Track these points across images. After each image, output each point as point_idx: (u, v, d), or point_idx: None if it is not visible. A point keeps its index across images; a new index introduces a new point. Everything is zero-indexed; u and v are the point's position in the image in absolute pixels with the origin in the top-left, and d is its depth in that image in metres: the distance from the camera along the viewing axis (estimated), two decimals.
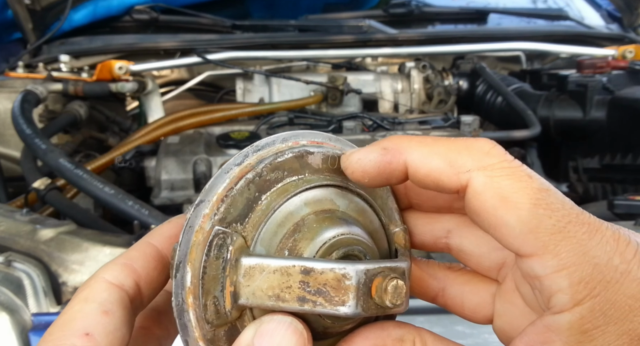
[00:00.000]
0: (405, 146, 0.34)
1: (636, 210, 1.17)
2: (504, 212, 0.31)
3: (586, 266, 0.30)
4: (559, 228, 0.30)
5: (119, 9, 2.22)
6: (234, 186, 0.35)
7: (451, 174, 0.32)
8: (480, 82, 2.04)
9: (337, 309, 0.32)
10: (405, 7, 2.33)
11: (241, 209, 0.35)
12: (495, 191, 0.31)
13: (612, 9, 2.45)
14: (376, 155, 0.35)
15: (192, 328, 0.33)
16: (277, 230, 0.35)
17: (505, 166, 0.32)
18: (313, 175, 0.37)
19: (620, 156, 1.61)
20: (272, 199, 0.35)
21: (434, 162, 0.33)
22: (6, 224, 1.02)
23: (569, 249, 0.30)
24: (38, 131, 1.43)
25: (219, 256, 0.34)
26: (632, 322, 0.30)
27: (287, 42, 2.12)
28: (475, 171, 0.32)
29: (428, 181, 0.34)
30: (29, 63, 2.05)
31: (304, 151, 0.37)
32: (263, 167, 0.36)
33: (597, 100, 1.71)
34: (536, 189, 0.31)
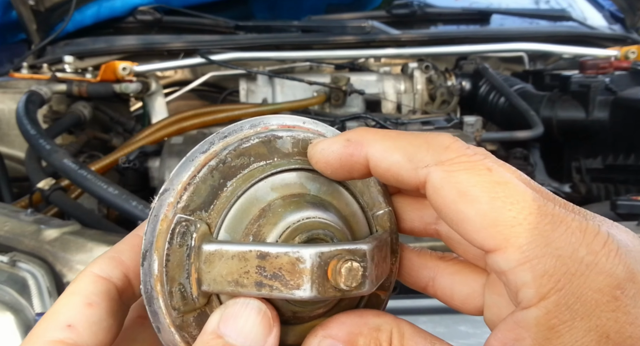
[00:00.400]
0: (369, 138, 0.34)
1: (639, 210, 1.17)
2: (463, 206, 0.30)
3: (549, 258, 0.29)
4: (519, 220, 0.29)
5: (122, 10, 2.22)
6: (197, 174, 0.35)
7: (410, 169, 0.32)
8: (483, 83, 2.04)
9: (292, 293, 0.32)
10: (408, 8, 2.33)
11: (205, 197, 0.35)
12: (453, 186, 0.30)
13: (615, 10, 2.45)
14: (339, 146, 0.34)
15: (163, 314, 0.34)
16: (242, 216, 0.35)
17: (464, 160, 0.31)
18: (282, 160, 0.37)
19: (623, 156, 1.61)
20: (237, 185, 0.35)
21: (394, 157, 0.33)
22: (11, 225, 1.03)
23: (530, 242, 0.29)
24: (42, 132, 1.44)
25: (182, 244, 0.34)
26: (599, 318, 0.29)
27: (290, 43, 2.13)
28: (433, 166, 0.31)
29: (388, 175, 0.33)
30: (33, 64, 2.05)
31: (271, 135, 0.37)
32: (227, 154, 0.35)
33: (600, 100, 1.71)
34: (494, 182, 0.30)
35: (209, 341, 0.32)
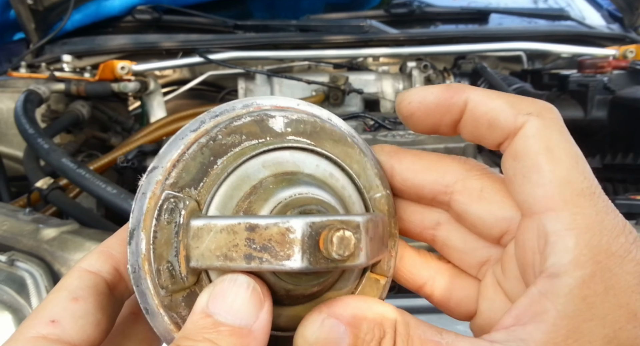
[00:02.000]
0: (469, 87, 0.36)
1: (637, 209, 1.17)
2: (544, 160, 0.32)
3: (596, 233, 0.31)
4: (587, 193, 0.31)
5: (121, 9, 2.22)
6: (187, 151, 0.34)
7: (510, 115, 0.33)
8: (481, 82, 2.04)
9: (282, 264, 0.31)
10: (406, 7, 2.33)
11: (195, 174, 0.34)
12: (545, 140, 0.32)
13: (613, 9, 2.45)
14: (439, 89, 0.36)
15: (151, 295, 0.33)
16: (232, 193, 0.35)
17: (561, 124, 0.33)
18: (275, 139, 0.36)
19: (621, 155, 1.61)
20: (227, 163, 0.35)
21: (496, 102, 0.34)
22: (9, 224, 1.03)
23: (587, 213, 0.31)
24: (41, 131, 1.43)
25: (170, 221, 0.33)
26: (630, 297, 0.30)
27: (289, 42, 2.12)
28: (535, 116, 0.33)
29: (484, 119, 0.34)
30: (31, 63, 2.05)
31: (264, 114, 0.36)
32: (218, 131, 0.35)
33: (598, 100, 1.71)
34: (579, 155, 0.33)
35: (198, 321, 0.31)
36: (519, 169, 0.33)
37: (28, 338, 0.33)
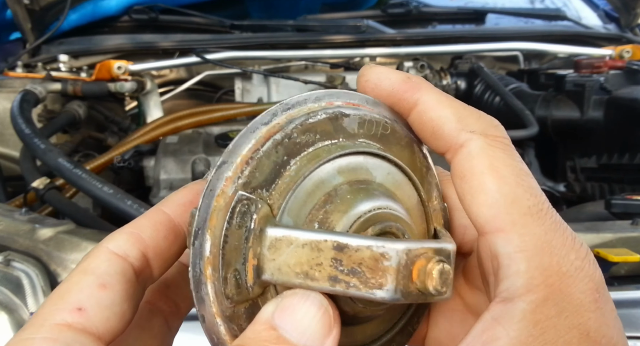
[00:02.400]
0: (427, 86, 0.35)
1: (633, 209, 1.17)
2: (489, 179, 0.31)
3: (546, 254, 0.30)
4: (532, 212, 0.31)
5: (117, 9, 2.22)
6: (261, 148, 0.31)
7: (454, 128, 0.33)
8: (478, 82, 2.05)
9: (373, 292, 0.28)
10: (403, 7, 2.33)
11: (267, 174, 0.31)
12: (489, 158, 0.32)
13: (610, 9, 2.45)
14: (397, 78, 0.35)
15: (210, 302, 0.30)
16: (306, 200, 0.32)
17: (506, 142, 0.33)
18: (348, 140, 0.34)
19: (618, 155, 1.62)
20: (302, 164, 0.32)
21: (444, 112, 0.34)
22: (5, 224, 1.03)
23: (534, 234, 0.30)
24: (37, 131, 1.43)
25: (241, 225, 0.30)
26: (582, 317, 0.30)
27: (286, 42, 2.12)
28: (478, 134, 0.33)
29: (429, 125, 0.34)
30: (28, 63, 2.05)
31: (338, 112, 0.34)
32: (293, 128, 0.32)
33: (595, 100, 1.72)
34: (524, 172, 0.32)
35: (260, 332, 0.29)
36: (466, 189, 0.32)
37: (52, 325, 0.30)
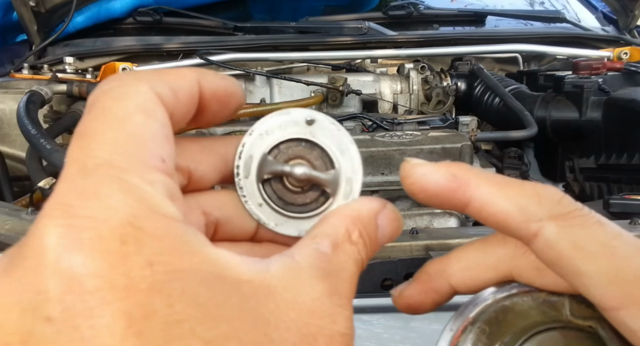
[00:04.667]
0: (475, 180, 0.32)
1: (632, 209, 1.18)
2: (581, 262, 0.29)
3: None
4: (639, 277, 0.29)
5: (122, 12, 2.24)
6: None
7: (520, 221, 0.31)
8: (478, 84, 2.06)
9: None
10: (404, 10, 2.35)
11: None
12: (570, 242, 0.30)
13: (608, 11, 2.47)
14: (442, 178, 0.33)
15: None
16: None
17: (577, 214, 0.31)
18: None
19: (616, 155, 1.63)
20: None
21: (503, 205, 0.31)
22: (12, 223, 1.03)
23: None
24: (43, 132, 1.45)
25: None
26: None
27: (288, 44, 2.14)
28: (547, 221, 0.30)
29: (492, 220, 0.32)
30: (34, 64, 2.07)
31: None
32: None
33: (593, 101, 1.73)
34: (610, 237, 0.30)
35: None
36: (564, 274, 0.31)
37: (150, 166, 0.26)
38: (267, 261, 0.28)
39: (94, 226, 0.23)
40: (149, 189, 0.25)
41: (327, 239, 0.30)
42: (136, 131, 0.26)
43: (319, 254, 0.29)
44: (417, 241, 0.90)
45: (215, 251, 0.26)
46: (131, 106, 0.27)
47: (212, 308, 0.24)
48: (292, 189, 0.35)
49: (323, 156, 0.35)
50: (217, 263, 0.25)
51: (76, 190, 0.24)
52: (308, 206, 0.36)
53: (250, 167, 0.35)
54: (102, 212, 0.23)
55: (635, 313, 0.29)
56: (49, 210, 0.24)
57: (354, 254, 0.30)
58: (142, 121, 0.27)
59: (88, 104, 0.27)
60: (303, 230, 0.35)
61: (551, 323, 0.35)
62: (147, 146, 0.26)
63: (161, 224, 0.24)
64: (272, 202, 0.35)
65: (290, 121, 0.35)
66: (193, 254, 0.24)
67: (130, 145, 0.26)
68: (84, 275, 0.22)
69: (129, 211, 0.24)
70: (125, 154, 0.25)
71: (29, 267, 0.23)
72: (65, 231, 0.23)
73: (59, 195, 0.24)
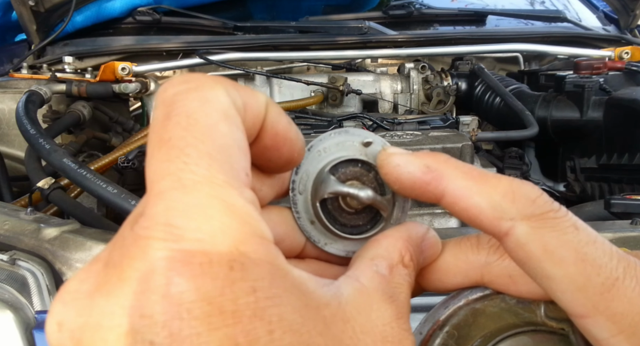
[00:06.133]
0: (450, 173, 0.31)
1: (633, 209, 1.17)
2: (549, 266, 0.29)
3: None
4: (608, 287, 0.28)
5: (121, 11, 2.23)
6: None
7: (492, 218, 0.30)
8: (478, 83, 2.06)
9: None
10: (404, 9, 2.35)
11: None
12: (540, 244, 0.29)
13: (609, 11, 2.46)
14: (416, 170, 0.32)
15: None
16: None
17: (551, 216, 0.29)
18: None
19: (617, 155, 1.62)
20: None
21: (475, 199, 0.30)
22: (11, 223, 1.03)
23: (622, 311, 0.28)
24: (42, 131, 1.45)
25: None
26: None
27: (288, 44, 2.14)
28: (519, 221, 0.29)
29: (464, 215, 0.31)
30: (33, 64, 2.06)
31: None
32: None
33: (594, 100, 1.73)
34: (583, 243, 0.29)
35: None
36: (533, 275, 0.30)
37: (242, 182, 0.25)
38: (337, 283, 0.28)
39: (204, 250, 0.22)
40: (248, 210, 0.24)
41: (384, 262, 0.31)
42: (225, 143, 0.25)
43: (380, 277, 0.29)
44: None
45: (298, 273, 0.26)
46: (215, 114, 0.25)
47: (304, 334, 0.24)
48: (347, 210, 0.35)
49: (378, 178, 0.35)
50: (301, 287, 0.25)
51: (179, 209, 0.23)
52: (360, 227, 0.36)
53: (307, 184, 0.35)
54: (211, 236, 0.23)
55: (600, 322, 0.28)
56: (152, 231, 0.23)
57: (407, 277, 0.31)
58: (227, 130, 0.25)
59: (162, 104, 0.26)
60: (350, 251, 0.36)
61: (523, 326, 0.34)
62: (237, 159, 0.25)
63: (260, 248, 0.24)
64: (325, 221, 0.35)
65: (348, 141, 0.35)
66: (285, 279, 0.24)
67: (223, 159, 0.25)
68: (194, 302, 0.22)
69: (236, 235, 0.23)
70: (221, 170, 0.24)
71: (134, 290, 0.22)
72: (175, 256, 0.22)
73: (160, 214, 0.23)
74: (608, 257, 0.29)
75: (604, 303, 0.28)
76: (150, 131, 0.26)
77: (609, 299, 0.28)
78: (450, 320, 0.35)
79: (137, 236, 0.23)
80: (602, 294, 0.28)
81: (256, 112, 0.28)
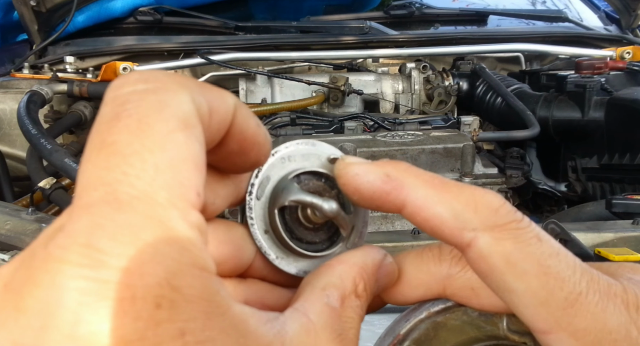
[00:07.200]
0: (410, 181, 0.30)
1: (634, 209, 1.17)
2: (511, 279, 0.27)
3: (607, 341, 0.27)
4: (571, 302, 0.27)
5: (123, 11, 2.24)
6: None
7: (454, 228, 0.29)
8: (480, 83, 2.06)
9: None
10: (405, 9, 2.35)
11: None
12: (502, 256, 0.28)
13: (611, 11, 2.46)
14: (376, 179, 0.30)
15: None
16: None
17: (514, 227, 0.28)
18: None
19: (618, 155, 1.62)
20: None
21: (437, 210, 0.29)
22: (12, 223, 1.03)
23: (585, 327, 0.27)
24: (43, 131, 1.45)
25: None
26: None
27: (289, 44, 2.14)
28: (481, 231, 0.28)
29: (425, 225, 0.30)
30: (34, 64, 2.07)
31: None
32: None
33: (596, 100, 1.72)
34: (546, 255, 0.28)
35: None
36: (495, 288, 0.29)
37: (190, 203, 0.22)
38: (282, 319, 0.26)
39: (127, 282, 0.19)
40: (190, 236, 0.21)
41: (336, 292, 0.29)
42: (178, 155, 0.22)
43: (330, 311, 0.28)
44: (418, 242, 0.90)
45: (240, 309, 0.23)
46: (173, 121, 0.22)
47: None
48: (304, 224, 0.33)
49: (340, 197, 0.33)
50: (240, 326, 0.22)
51: (106, 230, 0.20)
52: (316, 245, 0.34)
53: (265, 189, 0.32)
54: (139, 265, 0.19)
55: (563, 339, 0.27)
56: (67, 252, 0.19)
57: (358, 310, 0.29)
58: (183, 141, 0.22)
59: (112, 102, 0.23)
60: (302, 270, 0.33)
61: (486, 340, 0.33)
62: (188, 176, 0.22)
63: (197, 283, 0.21)
64: (281, 231, 0.32)
65: (315, 153, 0.34)
66: (222, 318, 0.21)
67: (171, 175, 0.21)
68: (107, 345, 0.18)
69: (169, 265, 0.20)
70: (166, 187, 0.21)
71: (32, 326, 0.18)
72: (90, 287, 0.19)
73: (81, 231, 0.20)
74: (571, 270, 0.28)
75: (567, 319, 0.27)
76: (93, 130, 0.22)
77: (572, 314, 0.27)
78: (410, 334, 0.33)
79: (49, 256, 0.19)
80: (564, 309, 0.27)
81: (223, 116, 0.25)
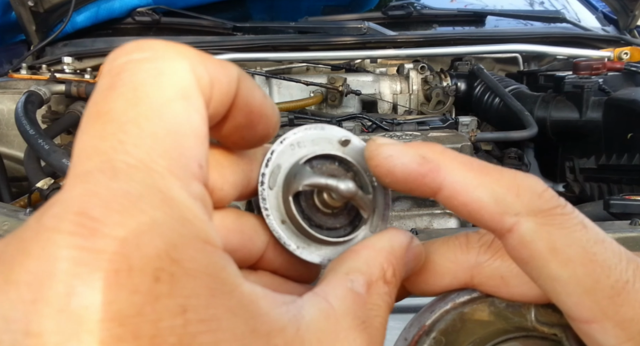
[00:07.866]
0: (447, 163, 0.28)
1: (632, 209, 1.18)
2: (556, 266, 0.26)
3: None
4: (618, 290, 0.26)
5: (121, 11, 2.24)
6: None
7: (495, 213, 0.27)
8: (478, 84, 2.06)
9: None
10: (403, 10, 2.36)
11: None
12: (547, 242, 0.26)
13: (608, 11, 2.47)
14: (411, 161, 0.28)
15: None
16: None
17: (559, 212, 0.27)
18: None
19: (616, 156, 1.63)
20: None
21: (476, 193, 0.27)
22: (10, 224, 1.03)
23: (631, 316, 0.26)
24: (41, 132, 1.45)
25: None
26: None
27: (288, 44, 2.14)
28: (525, 216, 0.27)
29: (463, 210, 0.28)
30: (32, 64, 2.06)
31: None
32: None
33: (593, 101, 1.73)
34: (592, 242, 0.26)
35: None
36: (536, 276, 0.27)
37: (191, 174, 0.21)
38: (299, 302, 0.24)
39: (123, 253, 0.18)
40: (193, 207, 0.20)
41: (362, 277, 0.27)
42: (176, 124, 0.21)
43: (354, 297, 0.26)
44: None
45: (250, 288, 0.21)
46: (170, 90, 0.21)
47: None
48: (322, 210, 0.31)
49: (357, 179, 0.31)
50: (250, 307, 0.20)
51: (101, 198, 0.18)
52: (337, 230, 0.32)
53: (277, 178, 0.30)
54: (136, 234, 0.18)
55: (607, 328, 0.26)
56: (60, 221, 0.18)
57: (386, 297, 0.27)
58: (182, 110, 0.21)
59: (108, 73, 0.22)
60: (326, 258, 0.31)
61: (514, 331, 0.32)
62: (188, 146, 0.21)
63: (200, 256, 0.19)
64: (299, 218, 0.30)
65: (324, 137, 0.32)
66: (229, 296, 0.20)
67: (170, 143, 0.20)
68: (100, 321, 0.17)
69: (169, 236, 0.19)
70: (165, 156, 0.20)
71: (22, 299, 0.17)
72: (83, 257, 0.17)
73: (74, 200, 0.18)
74: (618, 258, 0.26)
75: (613, 308, 0.26)
76: (89, 102, 0.21)
77: (619, 303, 0.26)
78: (436, 325, 0.32)
79: (41, 226, 0.18)
80: (611, 298, 0.26)
81: (226, 87, 0.24)
